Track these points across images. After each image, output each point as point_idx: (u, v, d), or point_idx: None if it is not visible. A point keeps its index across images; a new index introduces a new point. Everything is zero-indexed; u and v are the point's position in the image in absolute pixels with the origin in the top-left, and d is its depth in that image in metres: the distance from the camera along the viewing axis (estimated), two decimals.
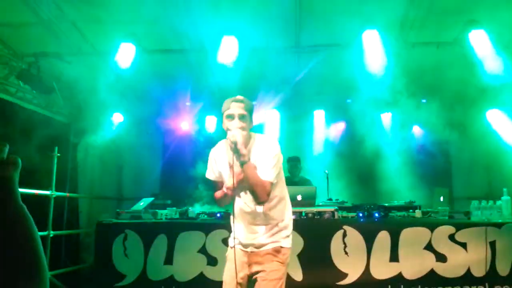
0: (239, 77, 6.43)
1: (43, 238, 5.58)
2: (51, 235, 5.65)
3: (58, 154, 5.93)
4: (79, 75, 6.56)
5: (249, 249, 2.68)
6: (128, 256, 4.49)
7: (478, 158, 7.83)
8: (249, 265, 2.65)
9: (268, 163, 2.61)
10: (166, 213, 5.13)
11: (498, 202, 5.14)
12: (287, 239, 2.74)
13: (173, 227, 4.63)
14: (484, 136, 7.62)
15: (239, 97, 2.70)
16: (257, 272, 2.62)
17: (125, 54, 6.06)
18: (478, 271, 4.36)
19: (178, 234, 4.51)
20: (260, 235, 2.66)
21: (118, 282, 4.42)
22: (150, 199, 5.43)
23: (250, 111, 2.71)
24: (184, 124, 8.08)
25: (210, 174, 2.86)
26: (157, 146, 8.37)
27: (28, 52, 6.22)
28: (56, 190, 5.87)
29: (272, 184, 2.62)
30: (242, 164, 2.55)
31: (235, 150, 2.53)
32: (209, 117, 7.98)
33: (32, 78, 5.96)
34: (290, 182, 6.22)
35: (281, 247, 2.68)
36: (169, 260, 4.45)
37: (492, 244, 4.41)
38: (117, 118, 7.52)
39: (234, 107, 2.63)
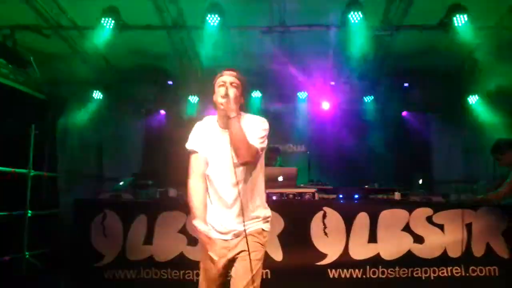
0: (222, 56, 6.35)
1: (20, 217, 5.49)
2: (29, 215, 5.56)
3: (36, 132, 5.79)
4: (58, 49, 6.38)
5: (229, 236, 2.61)
6: (106, 235, 4.44)
7: (457, 142, 7.96)
8: (229, 250, 2.61)
9: (256, 133, 2.57)
10: (147, 193, 5.09)
11: (475, 187, 5.28)
12: (267, 223, 2.72)
13: (154, 207, 4.58)
14: (464, 121, 7.74)
15: (232, 68, 2.65)
16: (238, 253, 2.59)
17: (105, 29, 5.90)
18: (454, 252, 4.46)
19: (159, 214, 4.46)
20: (239, 220, 2.57)
21: (96, 262, 4.38)
22: (130, 179, 5.37)
23: (243, 83, 2.63)
24: (166, 103, 7.96)
25: (193, 144, 2.67)
26: (138, 126, 8.24)
27: (3, 25, 5.99)
28: (34, 168, 5.75)
29: (257, 152, 2.57)
30: (229, 118, 2.46)
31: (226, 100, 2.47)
32: (192, 97, 7.86)
33: (8, 51, 5.76)
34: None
35: (263, 230, 2.66)
36: (148, 240, 4.42)
37: (468, 226, 4.51)
38: (97, 95, 7.36)
39: (227, 75, 2.60)
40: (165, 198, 4.93)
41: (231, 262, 2.61)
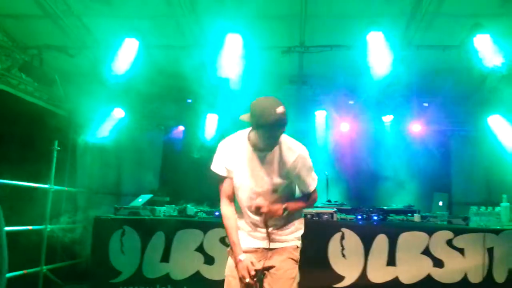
0: (242, 75, 6.41)
1: (40, 231, 5.58)
2: (48, 229, 5.64)
3: (58, 148, 5.92)
4: (82, 69, 6.54)
5: (261, 246, 2.56)
6: (124, 252, 4.48)
7: (478, 163, 7.80)
8: (259, 261, 2.54)
9: (307, 173, 2.55)
10: (165, 210, 5.12)
11: (497, 208, 5.13)
12: (300, 239, 2.68)
13: (171, 224, 4.61)
14: (485, 142, 7.59)
15: (283, 117, 2.37)
16: (268, 268, 2.53)
17: (128, 49, 6.04)
18: (475, 278, 4.34)
19: (176, 231, 4.50)
20: (275, 234, 2.56)
21: (113, 278, 4.42)
22: (149, 196, 5.42)
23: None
24: (185, 121, 8.05)
25: (219, 168, 2.58)
26: (157, 143, 8.34)
27: (31, 45, 6.20)
28: (55, 184, 5.86)
29: (315, 191, 2.64)
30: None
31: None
32: (210, 115, 7.93)
33: (34, 70, 5.95)
34: None
35: (297, 246, 2.64)
36: (165, 258, 4.44)
37: (490, 251, 4.40)
38: (118, 113, 7.49)
39: (274, 130, 2.38)
40: (182, 215, 4.95)
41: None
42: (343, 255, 4.40)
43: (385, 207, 5.59)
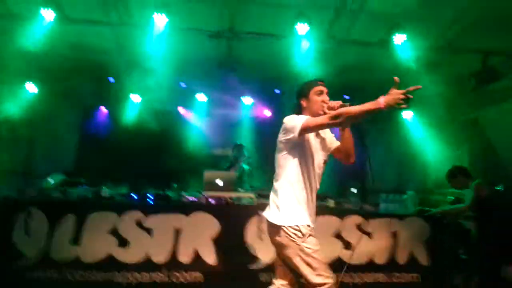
0: (168, 57, 6.27)
1: None
2: None
3: None
4: None
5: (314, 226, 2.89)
6: (30, 235, 4.19)
7: (391, 153, 8.35)
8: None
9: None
10: (78, 192, 4.87)
11: (404, 196, 5.56)
12: None
13: (84, 206, 4.39)
14: (398, 133, 8.14)
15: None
16: None
17: (45, 20, 5.62)
18: (380, 259, 4.66)
19: (89, 214, 4.28)
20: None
21: (18, 262, 4.11)
22: (62, 177, 5.11)
23: None
24: (107, 100, 7.70)
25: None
26: (74, 122, 7.87)
27: None
28: None
29: None
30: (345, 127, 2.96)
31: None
32: (133, 95, 7.66)
33: None
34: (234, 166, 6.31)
35: None
36: (76, 241, 4.22)
37: (395, 235, 4.74)
38: (31, 88, 6.97)
39: (322, 86, 3.01)
40: (97, 197, 4.74)
41: None
42: (260, 238, 4.48)
43: None
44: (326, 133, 3.13)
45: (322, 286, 2.68)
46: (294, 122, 2.84)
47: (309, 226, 2.80)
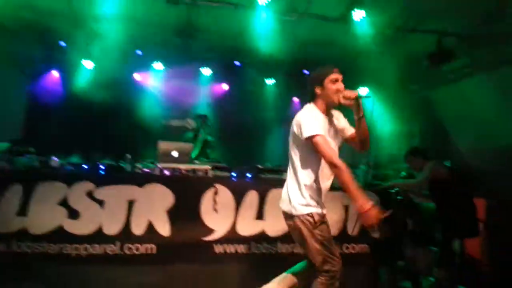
0: (124, 22, 6.00)
1: None
2: None
3: None
4: None
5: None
6: None
7: None
8: None
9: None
10: (25, 161, 4.65)
11: (357, 171, 5.74)
12: None
13: (31, 176, 4.20)
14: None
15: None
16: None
17: None
18: (334, 231, 4.81)
19: (36, 184, 4.10)
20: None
21: None
22: (6, 145, 4.85)
23: None
24: (57, 65, 7.31)
25: (319, 130, 2.94)
26: (21, 88, 7.41)
27: None
28: None
29: None
30: (361, 117, 2.99)
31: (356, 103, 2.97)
32: (85, 61, 7.30)
33: None
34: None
35: None
36: (23, 212, 4.05)
37: (346, 208, 4.90)
38: None
39: (337, 73, 3.07)
40: (45, 167, 4.55)
41: None
42: (215, 210, 4.50)
43: (259, 166, 5.81)
44: (340, 121, 3.22)
45: (327, 273, 2.99)
46: (309, 130, 2.92)
47: (321, 214, 3.06)
